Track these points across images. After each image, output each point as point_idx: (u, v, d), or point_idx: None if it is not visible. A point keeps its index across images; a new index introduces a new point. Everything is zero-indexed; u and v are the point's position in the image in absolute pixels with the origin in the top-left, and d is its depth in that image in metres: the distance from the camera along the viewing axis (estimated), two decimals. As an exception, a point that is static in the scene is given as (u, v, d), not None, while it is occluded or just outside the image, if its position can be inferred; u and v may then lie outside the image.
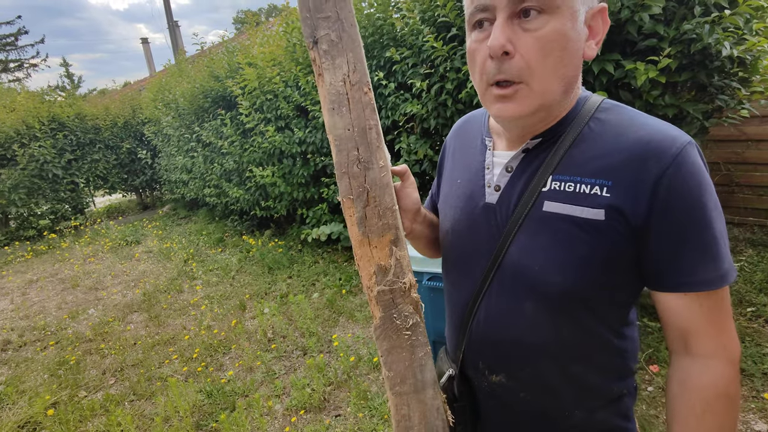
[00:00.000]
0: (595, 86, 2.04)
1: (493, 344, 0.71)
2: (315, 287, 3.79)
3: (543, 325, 0.65)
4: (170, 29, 15.70)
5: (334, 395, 2.36)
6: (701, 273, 0.57)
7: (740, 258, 3.07)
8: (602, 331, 0.65)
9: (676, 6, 1.93)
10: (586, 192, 0.59)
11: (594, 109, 0.64)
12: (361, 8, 3.39)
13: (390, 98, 3.20)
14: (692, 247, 0.56)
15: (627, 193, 0.57)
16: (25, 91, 8.03)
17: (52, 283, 4.84)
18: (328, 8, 0.66)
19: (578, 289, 0.61)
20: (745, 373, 2.05)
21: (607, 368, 0.68)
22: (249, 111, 4.21)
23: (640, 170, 0.56)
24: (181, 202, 7.92)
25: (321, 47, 0.66)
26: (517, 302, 0.66)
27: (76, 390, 2.68)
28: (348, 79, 0.66)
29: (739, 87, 2.09)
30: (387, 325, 0.67)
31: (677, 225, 0.56)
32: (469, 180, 0.75)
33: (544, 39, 0.55)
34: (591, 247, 0.59)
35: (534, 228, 0.63)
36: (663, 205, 0.55)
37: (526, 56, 0.56)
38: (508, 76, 0.58)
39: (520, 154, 0.67)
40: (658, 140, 0.56)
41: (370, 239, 0.67)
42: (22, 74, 22.31)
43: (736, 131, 3.31)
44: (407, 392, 0.67)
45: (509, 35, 0.56)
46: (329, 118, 0.67)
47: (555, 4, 0.54)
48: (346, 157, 0.67)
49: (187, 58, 7.20)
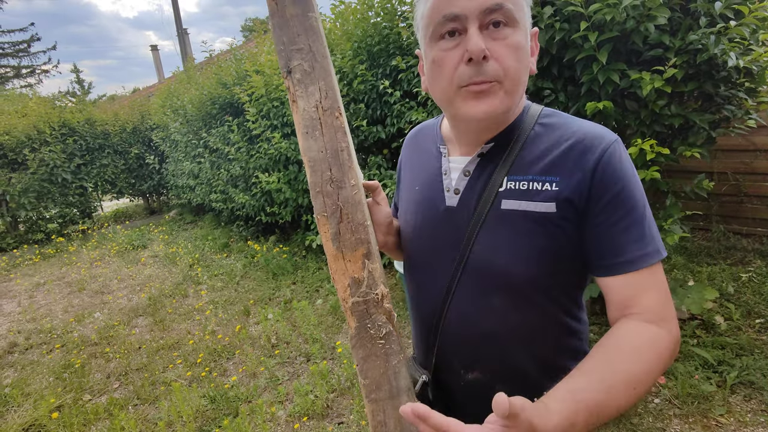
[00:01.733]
0: (600, 95, 2.04)
1: (467, 341, 0.74)
2: (319, 293, 3.79)
3: (511, 316, 0.70)
4: (179, 37, 15.92)
5: (337, 402, 2.35)
6: (634, 251, 0.62)
7: (749, 269, 3.04)
8: (559, 315, 0.72)
9: (681, 17, 1.93)
10: (538, 189, 0.66)
11: (537, 116, 0.72)
12: (368, 17, 3.43)
13: (395, 106, 3.22)
14: (626, 228, 0.63)
15: (571, 184, 0.64)
16: (36, 96, 8.15)
17: (59, 286, 4.88)
18: (301, 41, 0.72)
19: (540, 277, 0.67)
20: (755, 386, 2.02)
21: (564, 349, 0.74)
22: (256, 118, 4.25)
23: (579, 162, 0.64)
24: (187, 207, 7.99)
25: (294, 76, 0.72)
26: (487, 297, 0.70)
27: (81, 393, 2.70)
28: (320, 105, 0.72)
29: (746, 97, 2.08)
30: (362, 334, 0.70)
31: (612, 208, 0.63)
32: (428, 186, 0.79)
33: (513, 46, 0.62)
34: (547, 238, 0.65)
35: (494, 225, 0.69)
36: (598, 190, 0.63)
37: (500, 60, 0.62)
38: (486, 77, 0.62)
39: (476, 158, 0.73)
40: (592, 137, 0.65)
41: (344, 253, 0.70)
42: (34, 80, 22.71)
43: (745, 141, 3.29)
44: (383, 399, 0.69)
45: (484, 42, 0.62)
46: (303, 141, 0.72)
47: (515, 18, 0.62)
48: (320, 177, 0.71)
49: (195, 65, 7.30)
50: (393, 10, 3.29)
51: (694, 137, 2.13)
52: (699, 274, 3.02)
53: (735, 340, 2.30)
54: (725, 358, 2.20)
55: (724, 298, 2.72)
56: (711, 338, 2.35)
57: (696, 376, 2.11)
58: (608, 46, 1.91)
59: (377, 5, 3.35)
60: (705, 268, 3.13)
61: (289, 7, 0.72)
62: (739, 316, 2.52)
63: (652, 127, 2.09)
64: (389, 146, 3.55)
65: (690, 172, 3.50)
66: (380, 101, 3.47)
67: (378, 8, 3.36)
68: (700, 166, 3.47)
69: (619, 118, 2.11)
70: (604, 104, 1.92)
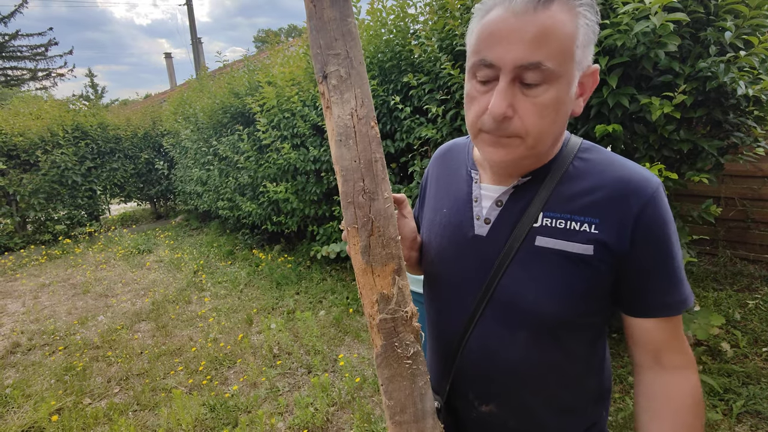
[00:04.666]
0: (610, 118, 2.06)
1: (485, 374, 0.73)
2: (322, 305, 3.79)
3: (533, 351, 0.69)
4: (193, 46, 16.21)
5: (337, 416, 2.33)
6: (670, 298, 0.64)
7: (756, 296, 3.01)
8: (585, 355, 0.71)
9: (691, 44, 1.96)
10: (576, 229, 0.64)
11: (576, 150, 0.69)
12: (380, 34, 3.49)
13: (406, 122, 3.26)
14: (664, 276, 0.64)
15: (612, 228, 0.63)
16: (51, 99, 8.31)
17: (63, 287, 4.90)
18: (338, 46, 0.69)
19: (569, 316, 0.66)
20: (762, 416, 1.99)
21: (588, 390, 0.74)
22: (266, 128, 4.31)
23: (622, 206, 0.62)
24: (194, 213, 8.04)
25: (330, 82, 0.69)
26: (511, 331, 0.69)
27: (81, 397, 2.69)
28: (356, 113, 0.69)
29: (755, 125, 2.09)
30: (388, 353, 0.68)
31: (653, 256, 0.63)
32: (456, 210, 0.77)
33: (542, 105, 0.59)
34: (581, 278, 0.64)
35: (527, 261, 0.67)
36: (641, 239, 0.62)
37: (524, 118, 0.60)
38: (505, 133, 0.61)
39: (510, 189, 0.71)
40: (637, 180, 0.63)
41: (374, 268, 0.68)
42: (49, 83, 23.13)
43: (753, 167, 3.30)
44: (407, 421, 0.67)
45: (510, 99, 0.59)
46: (336, 149, 0.70)
47: (556, 75, 0.57)
48: (352, 187, 0.68)
49: (207, 73, 7.42)
50: (406, 28, 3.35)
51: (703, 162, 2.14)
52: (705, 299, 3.00)
53: (742, 368, 2.28)
54: (731, 386, 2.17)
55: (730, 324, 2.69)
56: (717, 365, 2.32)
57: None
58: (618, 70, 1.94)
59: (390, 23, 3.42)
60: (711, 293, 3.11)
61: (327, 10, 0.70)
62: (746, 344, 2.49)
63: (661, 152, 2.10)
64: (398, 161, 3.58)
65: (697, 196, 3.50)
66: (390, 116, 3.51)
67: (391, 26, 3.42)
68: (707, 191, 3.47)
69: (628, 142, 2.13)
70: (614, 127, 1.94)
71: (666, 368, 0.67)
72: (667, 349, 0.66)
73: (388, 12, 3.39)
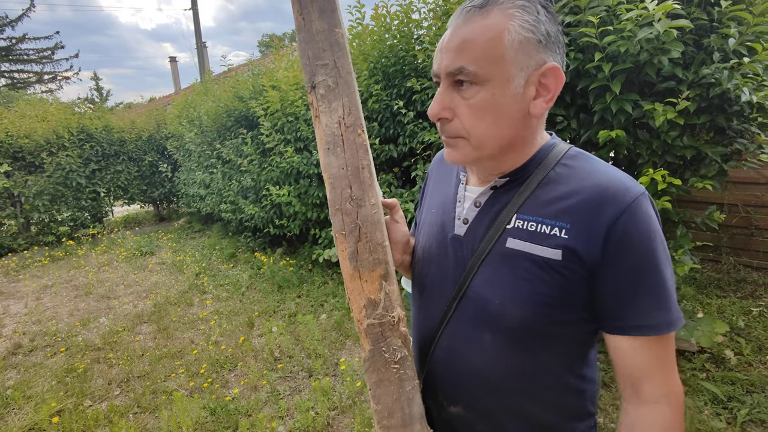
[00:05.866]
0: (613, 124, 2.07)
1: (452, 373, 0.73)
2: (323, 308, 3.78)
3: (500, 357, 0.67)
4: (198, 50, 16.33)
5: (338, 420, 2.32)
6: (652, 318, 0.59)
7: (760, 303, 2.99)
8: (559, 369, 0.67)
9: (695, 51, 1.97)
10: (546, 232, 0.63)
11: (561, 155, 0.68)
12: (384, 39, 3.51)
13: (408, 126, 3.27)
14: (643, 292, 0.59)
15: (582, 235, 0.60)
16: (57, 102, 8.37)
17: (66, 289, 4.92)
18: (326, 57, 0.71)
19: (536, 324, 0.64)
20: (766, 425, 1.97)
21: (562, 407, 0.69)
22: (270, 131, 4.32)
23: (595, 214, 0.60)
24: (196, 215, 8.06)
25: (318, 92, 0.71)
26: (478, 333, 0.69)
27: (82, 398, 2.69)
28: (343, 122, 0.70)
29: (759, 132, 2.09)
30: (376, 358, 0.68)
31: (630, 270, 0.59)
32: (442, 211, 0.79)
33: (476, 107, 0.62)
34: (548, 285, 0.62)
35: (497, 262, 0.67)
36: (616, 250, 0.58)
37: (462, 120, 0.64)
38: (448, 134, 0.67)
39: (489, 190, 0.71)
40: (615, 188, 0.60)
41: (361, 273, 0.69)
42: (55, 86, 23.33)
43: (756, 174, 3.29)
44: (395, 426, 0.67)
45: (448, 102, 0.64)
46: (324, 157, 0.71)
47: (482, 78, 0.60)
48: (339, 194, 0.70)
49: (212, 77, 7.47)
50: (410, 33, 3.37)
51: (706, 169, 2.14)
52: (708, 306, 2.98)
53: (746, 376, 2.26)
54: (735, 394, 2.15)
55: (734, 332, 2.67)
56: (721, 373, 2.30)
57: (705, 411, 2.06)
58: (622, 76, 1.94)
59: (394, 28, 3.44)
60: (715, 300, 3.09)
61: (315, 22, 0.71)
62: (750, 352, 2.47)
63: (664, 158, 2.10)
64: (400, 165, 3.58)
65: (701, 203, 3.49)
66: (393, 121, 3.52)
67: (395, 31, 3.45)
68: (711, 198, 3.45)
69: (631, 147, 2.13)
70: (617, 133, 1.95)
71: (641, 400, 0.62)
72: (644, 376, 0.61)
73: (392, 17, 3.42)
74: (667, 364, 0.62)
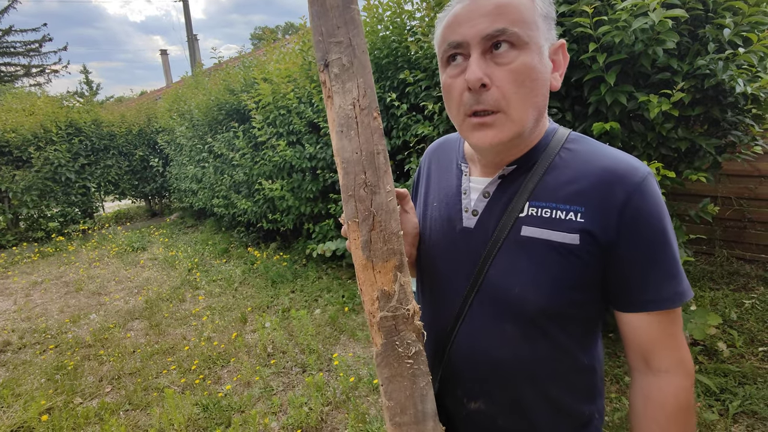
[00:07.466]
0: (607, 116, 2.05)
1: (473, 368, 0.72)
2: (317, 303, 3.76)
3: (522, 345, 0.67)
4: (189, 42, 16.11)
5: (332, 416, 2.31)
6: (665, 291, 0.62)
7: (752, 296, 3.01)
8: (575, 350, 0.69)
9: (690, 42, 1.95)
10: (561, 218, 0.63)
11: (563, 140, 0.69)
12: (377, 30, 3.46)
13: (402, 119, 3.23)
14: (658, 267, 0.61)
15: (597, 217, 0.61)
16: (45, 95, 8.22)
17: (56, 285, 4.85)
18: (341, 34, 0.66)
19: (555, 307, 0.65)
20: (758, 416, 1.99)
21: (579, 388, 0.71)
22: (262, 125, 4.27)
23: (607, 195, 0.61)
24: (189, 211, 7.99)
25: (332, 70, 0.67)
26: (498, 324, 0.68)
27: (72, 396, 2.66)
28: (358, 104, 0.66)
29: (753, 124, 2.08)
30: (389, 352, 0.65)
31: (644, 246, 0.61)
32: (446, 204, 0.77)
33: (517, 71, 0.60)
34: (566, 269, 0.63)
35: (512, 251, 0.66)
36: (630, 228, 0.60)
37: (501, 88, 0.60)
38: (486, 106, 0.62)
39: (497, 180, 0.71)
40: (624, 168, 0.62)
41: (374, 264, 0.66)
42: (43, 79, 22.93)
43: (750, 167, 3.29)
44: (408, 423, 0.65)
45: (485, 69, 0.60)
46: (337, 140, 0.67)
47: (523, 41, 0.60)
48: (353, 180, 0.66)
49: (203, 70, 7.37)
50: (402, 24, 3.32)
51: (700, 161, 2.13)
52: (701, 299, 3.00)
53: (738, 368, 2.27)
54: (728, 386, 2.16)
55: (727, 324, 2.69)
56: (713, 365, 2.31)
57: (698, 403, 2.07)
58: (616, 67, 1.92)
59: (387, 19, 3.39)
60: (708, 292, 3.11)
61: None
62: (742, 344, 2.49)
63: (659, 150, 2.09)
64: (394, 158, 3.55)
65: (694, 195, 3.49)
66: (387, 113, 3.48)
67: (387, 22, 3.39)
68: (704, 190, 3.46)
69: (626, 140, 2.12)
70: (611, 125, 1.93)
71: (653, 370, 0.65)
72: (656, 349, 0.64)
73: (385, 8, 3.36)
74: (676, 336, 0.64)
